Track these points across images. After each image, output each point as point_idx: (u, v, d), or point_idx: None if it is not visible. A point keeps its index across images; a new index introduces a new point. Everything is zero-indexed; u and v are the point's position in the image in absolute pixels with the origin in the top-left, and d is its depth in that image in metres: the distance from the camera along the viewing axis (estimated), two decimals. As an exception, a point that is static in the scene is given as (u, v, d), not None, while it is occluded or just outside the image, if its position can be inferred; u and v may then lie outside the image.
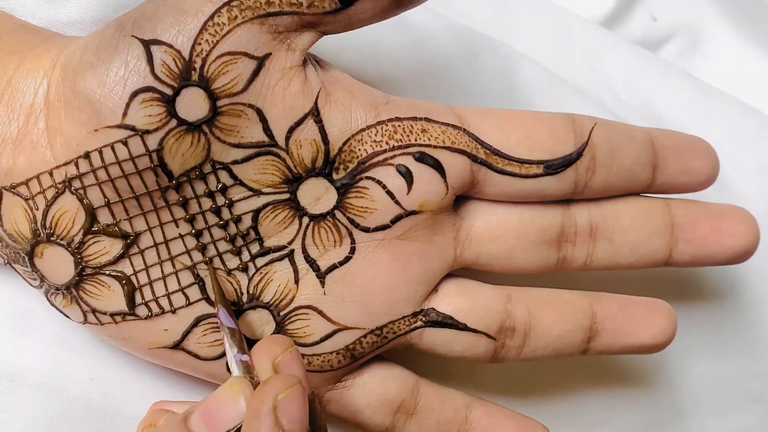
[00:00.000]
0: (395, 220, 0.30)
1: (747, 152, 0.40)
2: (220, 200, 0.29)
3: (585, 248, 0.32)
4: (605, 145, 0.31)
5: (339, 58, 0.35)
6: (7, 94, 0.28)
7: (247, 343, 0.30)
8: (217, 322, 0.30)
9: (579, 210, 0.32)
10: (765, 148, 0.40)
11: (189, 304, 0.30)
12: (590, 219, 0.32)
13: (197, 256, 0.29)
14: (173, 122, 0.27)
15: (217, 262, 0.30)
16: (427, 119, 0.30)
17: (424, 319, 0.31)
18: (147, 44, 0.26)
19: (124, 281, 0.29)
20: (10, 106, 0.28)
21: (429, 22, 0.37)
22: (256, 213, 0.29)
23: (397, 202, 0.29)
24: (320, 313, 0.30)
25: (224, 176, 0.28)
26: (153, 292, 0.29)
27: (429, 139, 0.29)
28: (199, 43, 0.27)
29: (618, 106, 0.40)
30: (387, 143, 0.29)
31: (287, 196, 0.29)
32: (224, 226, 0.29)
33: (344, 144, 0.29)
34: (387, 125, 0.29)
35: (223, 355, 0.30)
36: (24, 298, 0.32)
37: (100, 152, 0.27)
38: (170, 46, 0.26)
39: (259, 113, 0.28)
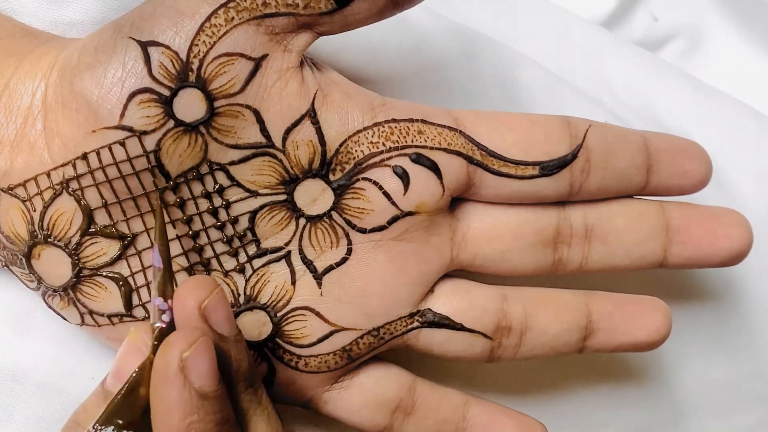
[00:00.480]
0: (392, 221, 0.30)
1: (747, 153, 0.40)
2: (217, 201, 0.29)
3: (580, 250, 0.32)
4: (600, 148, 0.31)
5: (338, 58, 0.35)
6: (5, 97, 0.28)
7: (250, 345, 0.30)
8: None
9: (574, 211, 0.32)
10: (765, 150, 0.40)
11: (186, 305, 0.30)
12: (585, 221, 0.32)
13: (194, 257, 0.29)
14: (171, 123, 0.27)
15: (214, 263, 0.30)
16: (423, 121, 0.30)
17: (420, 319, 0.31)
18: (144, 46, 0.26)
19: (121, 282, 0.29)
20: (7, 108, 0.28)
21: (429, 23, 0.37)
22: (253, 214, 0.29)
23: (393, 203, 0.29)
24: (317, 314, 0.30)
25: (221, 177, 0.28)
26: (150, 294, 0.29)
27: (425, 141, 0.29)
28: (197, 45, 0.27)
29: (618, 107, 0.40)
30: (384, 144, 0.29)
31: (284, 197, 0.29)
32: (221, 228, 0.29)
33: (341, 145, 0.29)
34: (384, 127, 0.29)
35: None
36: (25, 297, 0.32)
37: (98, 153, 0.27)
38: (167, 47, 0.27)
39: (256, 114, 0.28)
